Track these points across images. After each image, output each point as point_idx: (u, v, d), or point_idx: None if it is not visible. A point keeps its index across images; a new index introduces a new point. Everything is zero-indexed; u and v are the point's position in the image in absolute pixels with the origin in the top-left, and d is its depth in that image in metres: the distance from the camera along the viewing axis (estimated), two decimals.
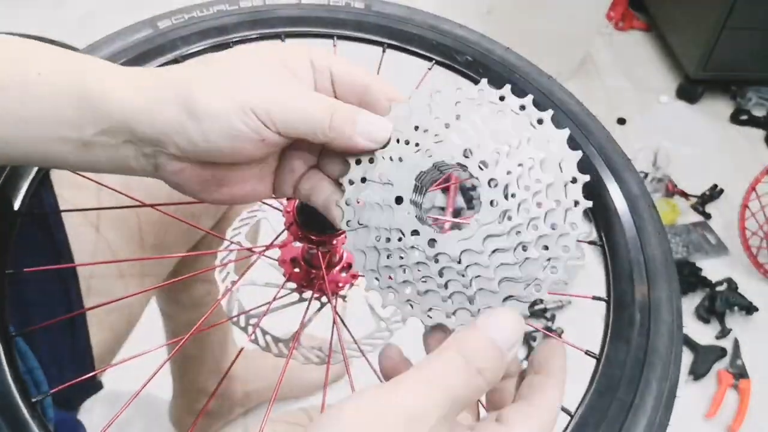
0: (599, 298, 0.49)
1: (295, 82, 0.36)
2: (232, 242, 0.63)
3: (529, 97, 0.35)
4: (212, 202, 0.39)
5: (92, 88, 0.34)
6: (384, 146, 0.36)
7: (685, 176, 1.76)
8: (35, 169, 0.50)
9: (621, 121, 1.94)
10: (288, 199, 0.51)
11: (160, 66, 0.52)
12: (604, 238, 0.51)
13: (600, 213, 0.52)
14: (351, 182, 0.37)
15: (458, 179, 1.37)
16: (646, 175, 1.74)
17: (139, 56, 0.53)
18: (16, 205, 0.48)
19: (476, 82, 0.37)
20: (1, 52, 0.35)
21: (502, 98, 0.35)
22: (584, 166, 0.54)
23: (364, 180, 0.36)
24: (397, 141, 0.36)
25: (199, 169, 0.37)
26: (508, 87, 0.35)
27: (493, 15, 1.74)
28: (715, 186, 1.75)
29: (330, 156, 0.39)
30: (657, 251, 0.50)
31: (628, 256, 0.49)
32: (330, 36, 0.58)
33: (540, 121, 0.35)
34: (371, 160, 0.36)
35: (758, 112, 2.01)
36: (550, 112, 0.35)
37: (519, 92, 0.35)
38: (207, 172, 0.37)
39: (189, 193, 0.38)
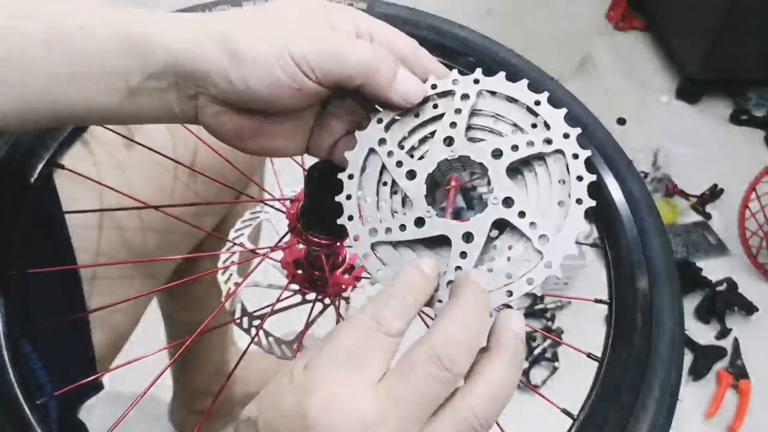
0: (601, 301, 0.49)
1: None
2: (235, 243, 0.63)
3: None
4: (244, 151, 0.40)
5: (139, 34, 0.35)
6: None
7: (685, 176, 1.76)
8: (38, 170, 0.51)
9: (621, 121, 1.94)
10: (291, 201, 0.51)
11: None
12: (605, 240, 0.51)
13: (601, 215, 0.52)
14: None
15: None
16: (646, 175, 1.74)
17: None
18: (19, 207, 0.48)
19: None
20: (27, 7, 0.35)
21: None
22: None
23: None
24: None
25: (236, 115, 0.38)
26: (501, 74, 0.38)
27: (493, 16, 1.74)
28: (715, 186, 1.75)
29: None
30: (659, 253, 0.49)
31: (630, 258, 0.49)
32: None
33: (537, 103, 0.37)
34: None
35: (758, 112, 2.01)
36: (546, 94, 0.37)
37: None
38: (243, 120, 0.38)
39: (224, 139, 0.40)
